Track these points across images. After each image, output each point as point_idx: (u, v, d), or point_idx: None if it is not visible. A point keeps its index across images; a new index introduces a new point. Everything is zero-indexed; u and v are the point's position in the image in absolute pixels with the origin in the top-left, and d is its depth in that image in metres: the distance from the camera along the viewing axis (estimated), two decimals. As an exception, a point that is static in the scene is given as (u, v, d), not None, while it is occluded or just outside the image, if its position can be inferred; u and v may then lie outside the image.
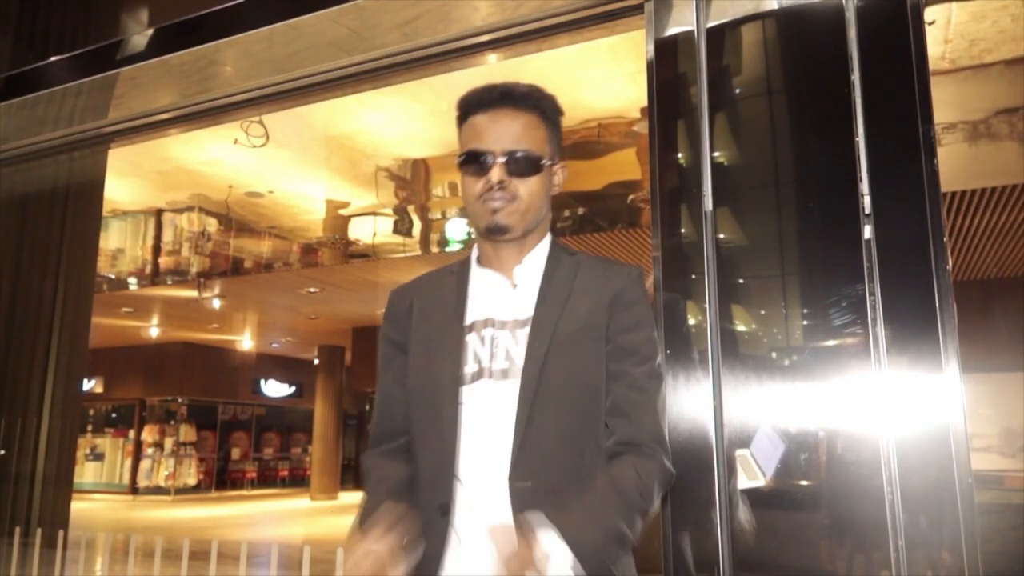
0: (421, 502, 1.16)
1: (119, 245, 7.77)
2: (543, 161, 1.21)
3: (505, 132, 1.19)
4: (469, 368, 1.18)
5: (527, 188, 1.20)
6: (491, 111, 1.21)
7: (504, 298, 1.23)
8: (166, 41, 2.58)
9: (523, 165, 1.19)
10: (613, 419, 1.17)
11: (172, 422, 15.56)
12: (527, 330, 1.18)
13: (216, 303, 10.16)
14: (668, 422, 1.46)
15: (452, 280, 1.29)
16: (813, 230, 1.56)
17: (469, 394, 1.17)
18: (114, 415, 16.05)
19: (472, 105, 1.23)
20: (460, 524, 1.13)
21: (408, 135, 5.38)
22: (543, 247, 1.27)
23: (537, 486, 1.09)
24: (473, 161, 1.20)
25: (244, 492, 16.10)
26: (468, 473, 1.14)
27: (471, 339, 1.20)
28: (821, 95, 1.61)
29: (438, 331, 1.23)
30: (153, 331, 13.45)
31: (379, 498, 1.15)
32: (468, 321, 1.22)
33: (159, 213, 7.41)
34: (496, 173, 1.18)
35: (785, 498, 1.47)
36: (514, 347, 1.17)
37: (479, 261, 1.29)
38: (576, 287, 1.21)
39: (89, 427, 15.93)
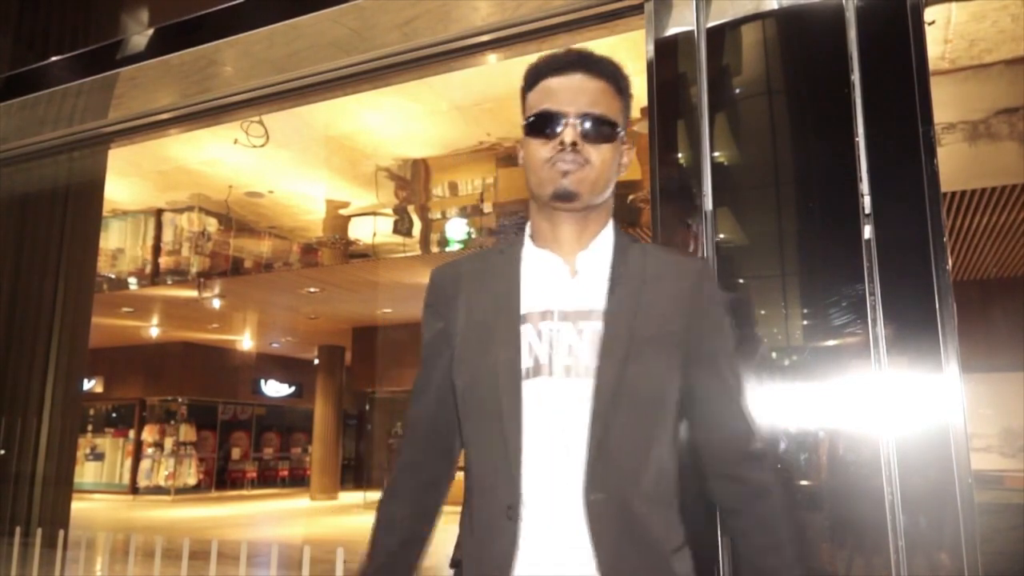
0: (477, 504, 1.10)
1: (119, 245, 7.77)
2: (618, 129, 1.13)
3: (581, 94, 1.12)
4: (524, 362, 1.10)
5: (599, 155, 1.11)
6: (566, 74, 1.13)
7: (564, 286, 1.13)
8: (166, 41, 2.58)
9: (598, 130, 1.11)
10: (714, 432, 1.14)
11: (172, 422, 15.56)
12: (592, 324, 1.09)
13: (216, 303, 10.15)
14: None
15: (502, 262, 1.19)
16: (813, 230, 1.56)
17: (524, 391, 1.09)
18: (114, 415, 16.05)
19: (545, 68, 1.15)
20: (531, 524, 1.06)
21: (408, 135, 5.38)
22: (608, 232, 1.18)
23: (612, 499, 1.03)
24: (544, 122, 1.11)
25: (244, 492, 16.10)
26: (529, 479, 1.06)
27: (526, 330, 1.11)
28: (821, 95, 1.61)
29: (490, 319, 1.14)
30: (153, 331, 13.44)
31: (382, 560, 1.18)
32: (523, 310, 1.13)
33: (159, 213, 7.42)
34: (569, 134, 1.10)
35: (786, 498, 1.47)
36: (577, 342, 1.09)
37: (533, 239, 1.19)
38: (647, 280, 1.13)
39: (89, 427, 15.93)
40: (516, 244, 1.21)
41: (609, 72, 1.15)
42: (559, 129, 1.10)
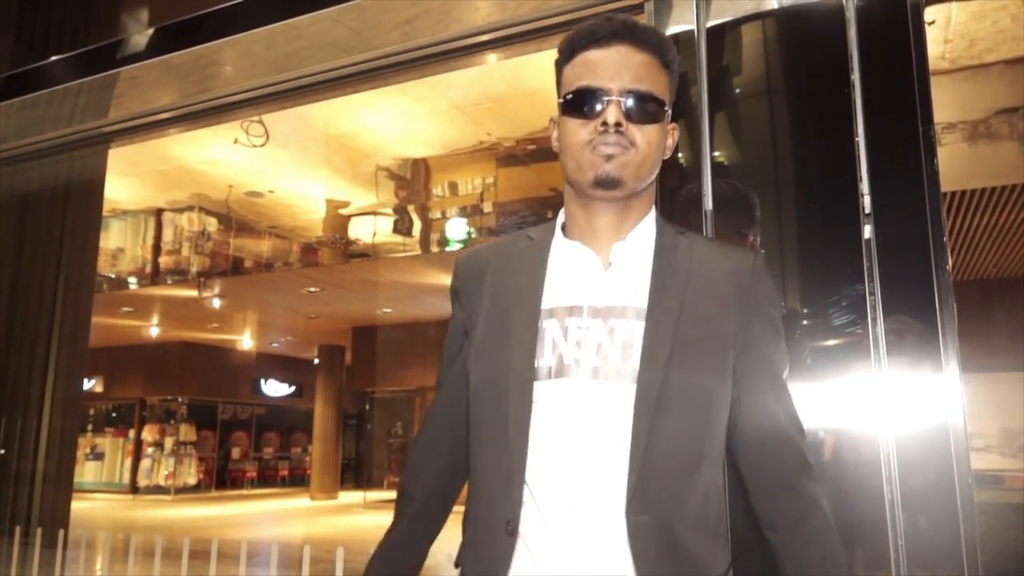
0: (478, 513, 1.02)
1: (119, 245, 7.78)
2: (665, 108, 1.03)
3: (625, 68, 1.00)
4: (546, 362, 0.99)
5: (645, 137, 1.00)
6: (608, 45, 1.01)
7: (595, 280, 1.03)
8: (166, 41, 2.58)
9: (644, 109, 1.00)
10: (767, 440, 1.05)
11: (172, 422, 15.56)
12: (625, 323, 0.99)
13: (216, 303, 10.16)
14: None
15: (530, 249, 1.09)
16: (813, 230, 1.56)
17: (544, 392, 0.99)
18: (114, 415, 16.06)
19: (584, 39, 1.03)
20: (534, 544, 0.96)
21: (408, 135, 5.38)
22: (649, 222, 1.07)
23: (658, 519, 0.93)
24: (584, 100, 1.00)
25: (244, 492, 16.11)
26: (553, 495, 0.96)
27: (549, 326, 1.00)
28: (821, 95, 1.61)
29: (509, 313, 1.03)
30: (153, 331, 13.45)
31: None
32: (547, 304, 1.02)
33: (159, 213, 7.42)
34: (613, 113, 0.98)
35: (785, 498, 1.47)
36: (608, 342, 0.98)
37: (565, 230, 1.09)
38: (694, 275, 1.02)
39: (89, 427, 15.94)
40: (547, 233, 1.11)
41: (656, 44, 1.03)
42: (600, 108, 0.99)
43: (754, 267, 1.06)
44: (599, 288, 1.02)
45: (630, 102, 1.00)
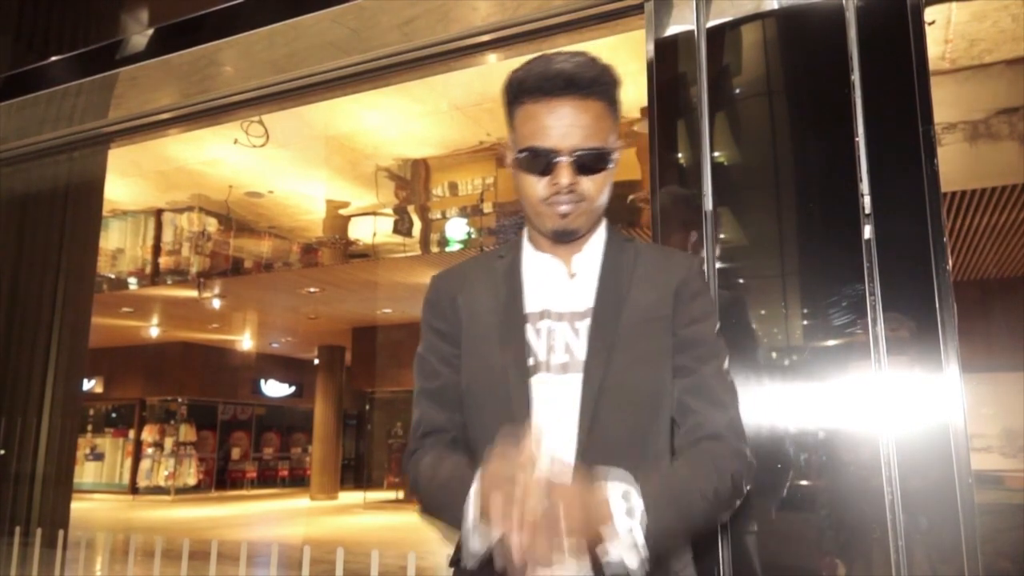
0: None
1: (119, 245, 7.78)
2: (613, 155, 1.10)
3: (573, 128, 1.04)
4: (528, 361, 1.10)
5: (595, 186, 1.09)
6: (555, 100, 1.04)
7: (561, 287, 1.14)
8: (166, 41, 2.58)
9: (593, 163, 1.07)
10: (685, 414, 1.11)
11: (172, 422, 15.56)
12: (587, 322, 1.10)
13: (216, 303, 10.16)
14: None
15: (502, 266, 1.19)
16: (813, 230, 1.56)
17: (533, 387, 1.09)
18: (114, 415, 16.06)
19: (531, 88, 1.06)
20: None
21: (408, 135, 5.38)
22: (601, 233, 1.19)
23: None
24: (536, 160, 1.06)
25: (244, 492, 16.11)
26: None
27: (527, 329, 1.12)
28: (821, 95, 1.61)
29: (495, 322, 1.13)
30: (153, 331, 13.45)
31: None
32: (525, 311, 1.13)
33: (159, 213, 7.42)
34: (565, 175, 1.05)
35: (785, 498, 1.47)
36: (574, 340, 1.09)
37: (533, 243, 1.19)
38: (636, 277, 1.13)
39: (89, 427, 15.94)
40: (516, 248, 1.21)
41: (602, 89, 1.07)
42: (552, 171, 1.06)
43: (689, 266, 1.17)
44: (565, 294, 1.13)
45: (580, 161, 1.06)
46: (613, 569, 0.93)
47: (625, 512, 0.92)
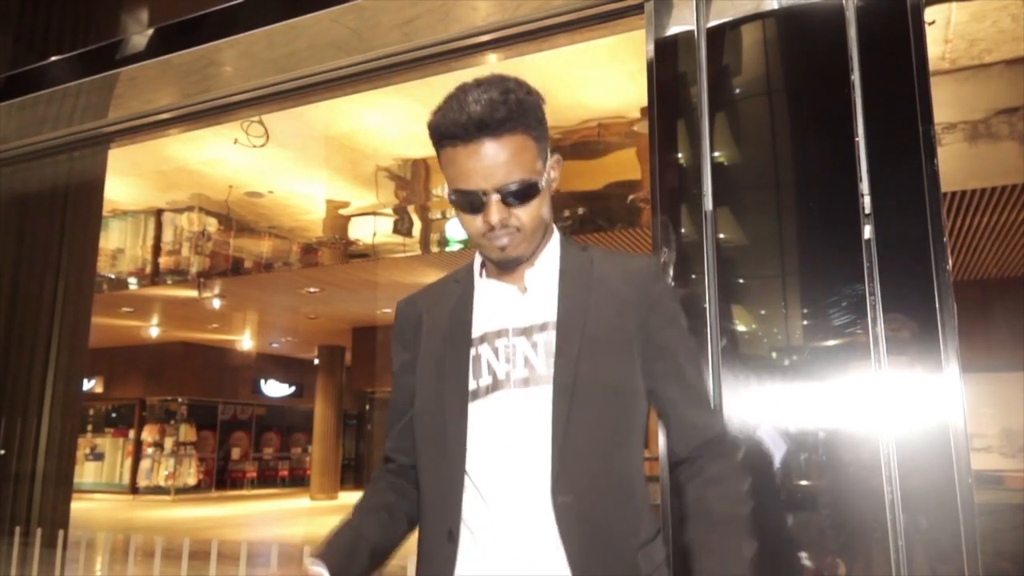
0: (426, 526, 1.15)
1: (119, 245, 7.77)
2: (539, 183, 1.10)
3: (493, 167, 1.05)
4: (483, 381, 1.12)
5: (529, 214, 1.09)
6: (471, 144, 1.05)
7: (515, 304, 1.16)
8: (166, 41, 2.58)
9: (520, 195, 1.07)
10: (679, 421, 1.15)
11: (172, 422, 15.56)
12: (546, 335, 1.12)
13: (216, 303, 10.16)
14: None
15: (456, 290, 1.23)
16: (813, 230, 1.56)
17: (484, 409, 1.11)
18: (114, 415, 16.06)
19: (446, 135, 1.07)
20: (484, 546, 1.08)
21: (408, 135, 5.38)
22: (553, 246, 1.20)
23: (579, 499, 1.05)
24: (465, 200, 1.08)
25: (244, 492, 16.11)
26: (496, 492, 1.08)
27: (483, 351, 1.14)
28: (821, 95, 1.61)
29: (443, 347, 1.17)
30: (153, 331, 13.45)
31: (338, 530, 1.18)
32: (477, 333, 1.16)
33: (159, 213, 7.42)
34: (495, 213, 1.07)
35: (785, 498, 1.47)
36: (532, 354, 1.12)
37: (484, 271, 1.22)
38: (595, 284, 1.15)
39: (89, 427, 15.94)
40: (469, 274, 1.23)
41: (517, 122, 1.05)
42: (482, 209, 1.08)
43: (649, 269, 1.19)
44: (520, 310, 1.15)
45: (508, 197, 1.07)
46: None
47: None
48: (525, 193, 1.08)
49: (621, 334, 1.13)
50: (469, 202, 1.09)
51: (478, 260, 1.23)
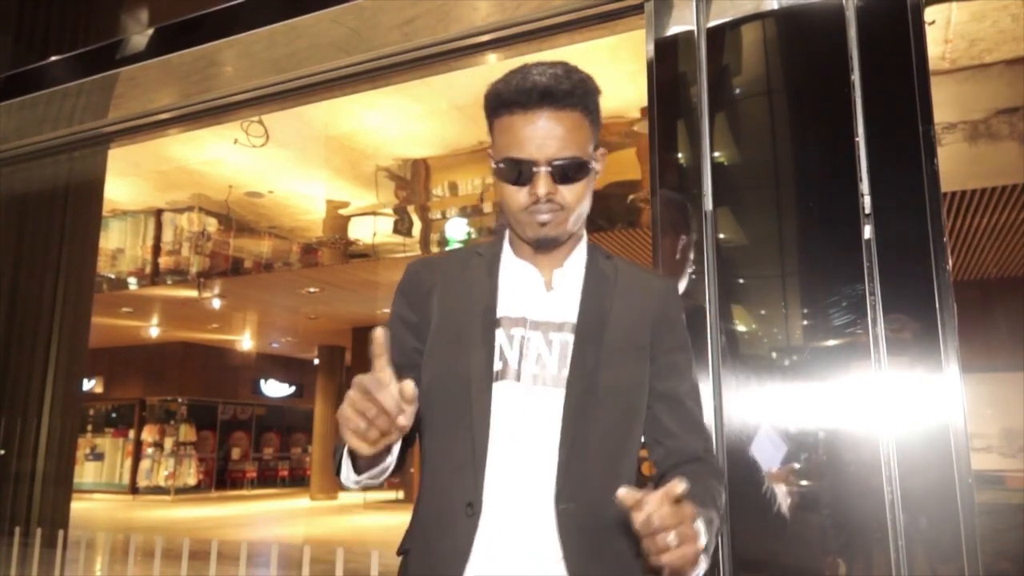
0: (433, 500, 1.12)
1: (119, 245, 7.77)
2: (591, 164, 1.11)
3: (549, 138, 1.06)
4: (496, 366, 1.10)
5: (575, 195, 1.10)
6: (531, 111, 1.07)
7: (539, 298, 1.15)
8: (166, 41, 2.58)
9: (571, 172, 1.08)
10: (665, 436, 1.15)
11: (172, 422, 15.56)
12: (561, 336, 1.11)
13: (216, 303, 10.16)
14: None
15: (481, 265, 1.20)
16: (813, 230, 1.56)
17: (498, 393, 1.10)
18: (114, 415, 16.06)
19: (508, 100, 1.08)
20: (489, 524, 1.06)
21: (408, 135, 5.38)
22: (582, 249, 1.20)
23: (581, 507, 1.04)
24: (515, 170, 1.08)
25: (244, 492, 16.10)
26: (490, 478, 1.07)
27: (498, 334, 1.12)
28: (821, 95, 1.61)
29: (466, 320, 1.14)
30: (153, 331, 13.45)
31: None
32: (498, 314, 1.14)
33: (159, 213, 7.42)
34: (543, 185, 1.07)
35: (785, 498, 1.47)
36: (546, 352, 1.11)
37: (513, 248, 1.20)
38: (617, 297, 1.16)
39: (89, 427, 15.94)
40: (496, 247, 1.21)
41: (578, 99, 1.08)
42: (530, 179, 1.08)
43: (668, 291, 1.21)
44: (542, 305, 1.14)
45: (559, 171, 1.08)
46: None
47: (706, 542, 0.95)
48: (576, 171, 1.09)
49: (638, 347, 1.13)
50: (518, 172, 1.08)
51: (507, 237, 1.21)
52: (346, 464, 1.07)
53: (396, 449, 1.03)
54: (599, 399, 1.08)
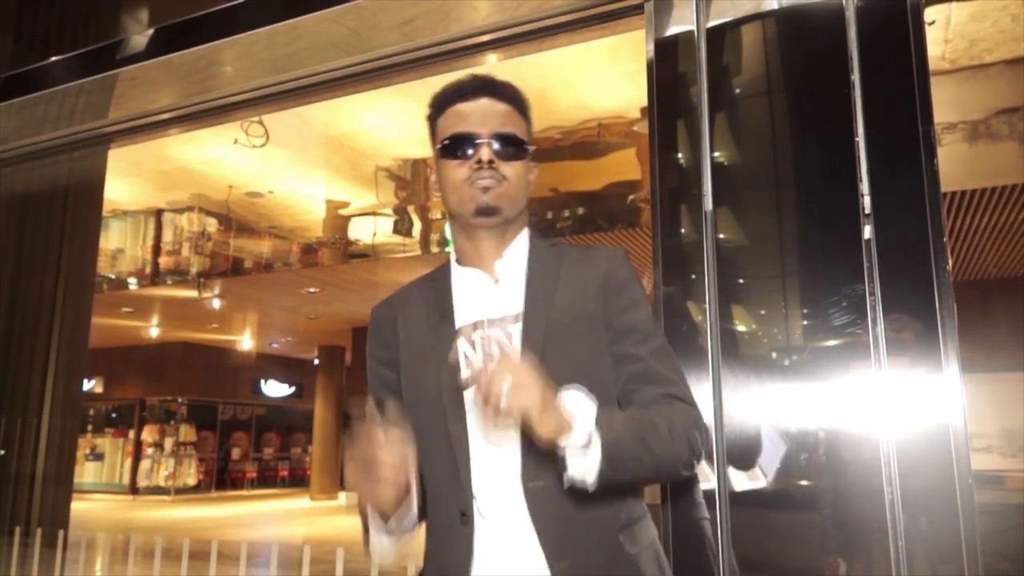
0: (433, 513, 1.16)
1: (119, 245, 7.77)
2: (527, 146, 1.22)
3: (491, 116, 1.20)
4: (463, 374, 1.15)
5: (514, 171, 1.19)
6: (473, 99, 1.21)
7: (488, 295, 1.20)
8: (166, 41, 2.58)
9: (511, 147, 1.19)
10: (632, 393, 1.15)
11: (172, 422, 15.56)
12: (519, 326, 1.15)
13: (216, 303, 10.16)
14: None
15: (434, 285, 1.27)
16: (813, 230, 1.56)
17: (468, 401, 1.14)
18: (114, 415, 16.06)
19: (452, 95, 1.23)
20: (483, 529, 1.11)
21: (408, 135, 5.38)
22: (523, 239, 1.25)
23: (552, 483, 1.06)
24: (460, 144, 1.19)
25: (244, 492, 16.11)
26: (477, 480, 1.12)
27: (460, 344, 1.17)
28: (821, 95, 1.61)
29: (429, 338, 1.21)
30: (153, 331, 13.45)
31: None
32: (457, 325, 1.19)
33: (159, 213, 7.41)
34: (485, 152, 1.17)
35: (785, 498, 1.47)
36: (507, 345, 1.15)
37: (458, 261, 1.27)
38: (562, 275, 1.20)
39: (89, 427, 15.94)
40: (445, 268, 1.28)
41: (512, 95, 1.24)
42: (474, 150, 1.18)
43: (614, 257, 1.23)
44: (493, 302, 1.19)
45: (498, 143, 1.18)
46: (571, 477, 1.00)
47: (584, 415, 1.00)
48: (515, 146, 1.20)
49: (586, 320, 1.16)
50: (461, 146, 1.18)
51: (453, 254, 1.29)
52: (373, 526, 1.12)
53: (414, 488, 1.09)
54: (552, 375, 1.07)
